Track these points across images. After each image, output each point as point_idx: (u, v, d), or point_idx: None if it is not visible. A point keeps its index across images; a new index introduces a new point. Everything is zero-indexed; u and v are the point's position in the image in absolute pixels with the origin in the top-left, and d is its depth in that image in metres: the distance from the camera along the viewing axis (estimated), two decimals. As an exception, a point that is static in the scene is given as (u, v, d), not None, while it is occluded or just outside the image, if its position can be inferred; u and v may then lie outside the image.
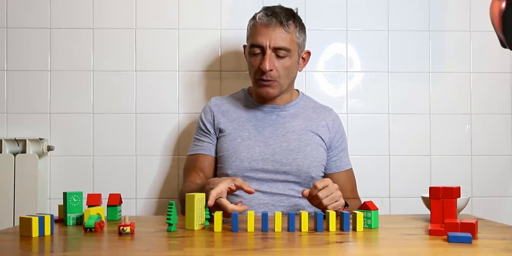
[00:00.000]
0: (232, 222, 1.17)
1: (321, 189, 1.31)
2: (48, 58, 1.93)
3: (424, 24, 1.98)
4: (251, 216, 1.18)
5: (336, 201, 1.32)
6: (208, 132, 1.65)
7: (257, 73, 1.58)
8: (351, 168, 1.71)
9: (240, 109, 1.67)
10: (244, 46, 1.69)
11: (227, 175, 1.58)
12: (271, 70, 1.55)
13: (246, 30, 1.65)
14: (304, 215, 1.18)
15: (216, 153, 1.64)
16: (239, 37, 1.90)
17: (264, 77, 1.56)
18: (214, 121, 1.66)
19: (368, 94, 1.98)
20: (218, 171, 1.64)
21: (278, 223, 1.17)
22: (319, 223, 1.18)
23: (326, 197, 1.31)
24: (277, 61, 1.56)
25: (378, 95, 1.98)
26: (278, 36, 1.54)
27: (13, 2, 1.92)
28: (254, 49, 1.57)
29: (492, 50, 1.99)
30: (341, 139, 1.69)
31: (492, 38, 1.99)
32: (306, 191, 1.33)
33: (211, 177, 1.61)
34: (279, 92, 1.61)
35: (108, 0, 1.94)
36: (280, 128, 1.62)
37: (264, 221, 1.17)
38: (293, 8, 1.63)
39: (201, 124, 1.68)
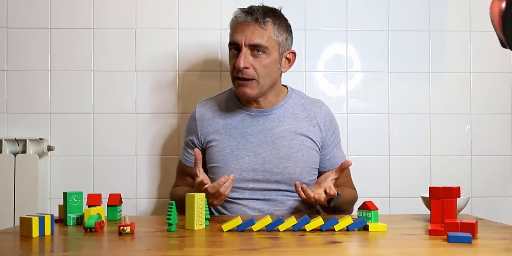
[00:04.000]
0: (245, 222, 1.17)
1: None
2: (48, 58, 1.93)
3: (424, 24, 1.98)
4: (267, 220, 1.17)
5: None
6: (193, 145, 1.64)
7: (234, 72, 1.54)
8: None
9: (226, 114, 1.62)
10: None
11: None
12: (246, 68, 1.50)
13: None
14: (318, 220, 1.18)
15: (205, 159, 1.62)
16: (239, 37, 1.90)
17: (240, 75, 1.51)
18: (200, 132, 1.63)
19: (368, 94, 1.98)
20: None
21: (286, 226, 1.17)
22: (326, 224, 1.17)
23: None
24: (254, 59, 1.51)
25: (378, 95, 1.98)
26: (253, 33, 1.50)
27: (13, 2, 1.92)
28: (231, 46, 1.54)
29: (492, 50, 1.99)
30: (334, 136, 1.64)
31: (492, 38, 1.99)
32: (303, 195, 1.36)
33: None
34: (259, 92, 1.54)
35: (108, 0, 1.94)
36: (269, 134, 1.58)
37: (274, 224, 1.17)
38: (277, 7, 1.59)
39: (187, 136, 1.67)
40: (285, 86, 1.68)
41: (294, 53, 1.62)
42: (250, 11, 1.53)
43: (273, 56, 1.54)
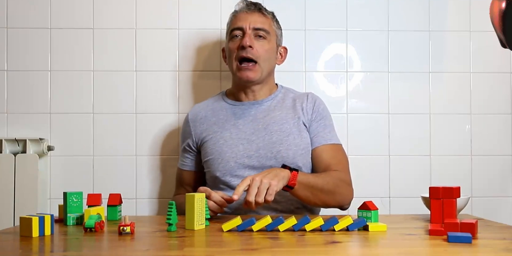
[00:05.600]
0: (245, 222, 1.17)
1: (247, 191, 1.27)
2: (48, 58, 1.93)
3: (424, 24, 1.98)
4: (267, 220, 1.17)
5: (268, 188, 1.28)
6: (189, 149, 1.69)
7: (237, 54, 1.59)
8: (338, 144, 1.64)
9: (218, 111, 1.67)
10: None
11: (215, 178, 1.58)
12: (251, 47, 1.57)
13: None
14: (317, 219, 1.18)
15: (201, 163, 1.66)
16: (239, 37, 1.90)
17: (244, 54, 1.57)
18: (193, 133, 1.67)
19: (368, 94, 1.98)
20: (206, 175, 1.65)
21: (286, 226, 1.17)
22: (326, 224, 1.17)
23: (256, 195, 1.26)
24: (257, 42, 1.60)
25: (378, 95, 1.98)
26: (257, 19, 1.62)
27: (13, 2, 1.92)
28: (234, 32, 1.61)
29: (492, 50, 1.99)
30: (319, 117, 1.64)
31: (492, 38, 1.99)
32: (235, 197, 1.26)
33: (197, 188, 1.59)
34: (259, 77, 1.61)
35: (108, 0, 1.94)
36: (261, 122, 1.61)
37: (274, 224, 1.17)
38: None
39: (183, 142, 1.71)
40: (276, 84, 1.74)
41: (285, 49, 1.73)
42: (252, 3, 1.66)
43: (272, 43, 1.64)
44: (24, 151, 1.84)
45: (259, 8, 1.64)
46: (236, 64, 1.61)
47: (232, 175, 1.57)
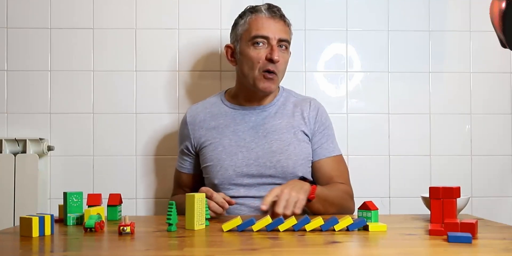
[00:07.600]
0: (245, 222, 1.17)
1: (276, 203, 1.28)
2: (48, 58, 1.93)
3: (424, 24, 1.98)
4: (267, 220, 1.17)
5: (296, 202, 1.29)
6: (187, 152, 1.66)
7: (262, 65, 1.53)
8: (340, 155, 1.64)
9: (216, 115, 1.64)
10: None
11: (214, 185, 1.57)
12: (278, 61, 1.53)
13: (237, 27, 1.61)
14: (317, 220, 1.17)
15: (200, 165, 1.64)
16: (239, 37, 1.90)
17: (271, 68, 1.53)
18: (192, 136, 1.64)
19: (368, 94, 1.98)
20: (205, 181, 1.64)
21: (286, 226, 1.17)
22: (326, 224, 1.17)
23: (284, 207, 1.27)
24: (281, 54, 1.55)
25: (378, 95, 1.98)
26: (282, 29, 1.56)
27: (13, 2, 1.92)
28: (258, 39, 1.53)
29: (492, 50, 1.99)
30: (322, 127, 1.63)
31: (492, 38, 1.98)
32: (264, 207, 1.27)
33: (196, 190, 1.60)
34: (276, 88, 1.59)
35: (108, 0, 1.94)
36: (261, 129, 1.59)
37: (274, 224, 1.17)
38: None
39: (181, 144, 1.69)
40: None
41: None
42: (274, 7, 1.58)
43: (289, 53, 1.61)
44: (24, 151, 1.84)
45: (281, 15, 1.57)
46: (260, 74, 1.54)
47: (230, 183, 1.56)
